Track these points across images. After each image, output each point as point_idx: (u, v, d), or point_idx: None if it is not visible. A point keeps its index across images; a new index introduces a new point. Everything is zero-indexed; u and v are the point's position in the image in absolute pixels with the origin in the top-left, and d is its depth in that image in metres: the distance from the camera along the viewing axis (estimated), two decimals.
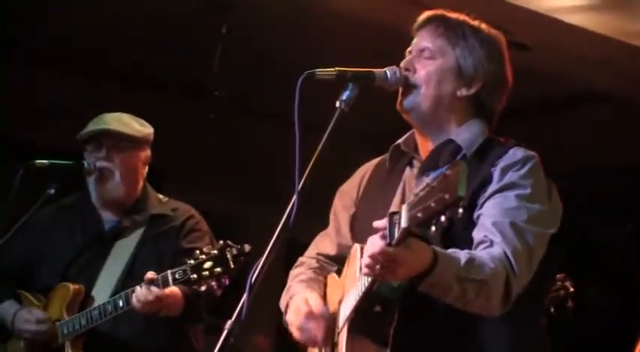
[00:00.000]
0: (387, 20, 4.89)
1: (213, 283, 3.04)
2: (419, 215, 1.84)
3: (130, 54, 5.83)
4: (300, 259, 2.66)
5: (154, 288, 3.12)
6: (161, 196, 3.62)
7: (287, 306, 2.49)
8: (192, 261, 3.07)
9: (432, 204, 1.81)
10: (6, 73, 5.86)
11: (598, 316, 5.95)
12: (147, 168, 3.57)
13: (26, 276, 3.54)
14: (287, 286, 2.59)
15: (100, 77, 6.12)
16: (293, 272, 2.63)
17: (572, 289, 4.05)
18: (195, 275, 3.05)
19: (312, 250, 2.65)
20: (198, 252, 3.09)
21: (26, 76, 5.94)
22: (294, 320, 2.39)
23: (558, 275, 4.02)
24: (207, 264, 3.04)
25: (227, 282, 3.04)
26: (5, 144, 5.91)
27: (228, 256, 3.03)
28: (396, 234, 1.92)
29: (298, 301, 2.41)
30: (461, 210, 1.80)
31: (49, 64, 5.99)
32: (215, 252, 3.05)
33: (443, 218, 1.81)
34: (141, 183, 3.55)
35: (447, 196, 1.79)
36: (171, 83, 6.07)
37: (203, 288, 3.07)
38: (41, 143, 5.78)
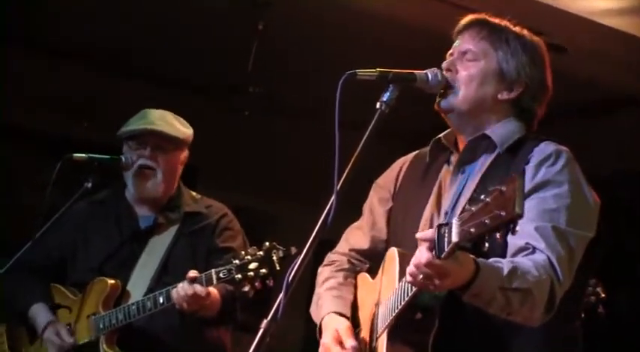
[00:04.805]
0: (422, 21, 4.89)
1: (257, 284, 3.05)
2: (472, 230, 1.83)
3: (165, 51, 5.87)
4: (330, 256, 2.66)
5: (196, 285, 3.13)
6: (194, 193, 3.64)
7: (320, 325, 2.50)
8: (237, 261, 3.07)
9: (487, 221, 1.79)
10: (43, 70, 5.94)
11: (630, 324, 5.89)
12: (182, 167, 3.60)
13: (60, 270, 3.56)
14: (316, 292, 2.59)
15: (136, 74, 6.17)
16: (322, 274, 2.62)
17: (603, 295, 4.01)
18: (239, 276, 3.05)
19: (343, 245, 2.65)
20: (243, 252, 3.10)
21: (63, 73, 6.01)
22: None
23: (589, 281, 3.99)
24: (253, 265, 3.05)
25: (272, 284, 3.04)
26: (39, 139, 6.00)
27: (274, 258, 3.03)
28: (446, 248, 1.90)
29: (330, 335, 2.41)
30: (518, 228, 1.78)
31: (86, 63, 6.06)
32: (261, 253, 3.06)
33: (498, 235, 1.81)
34: (177, 182, 3.57)
35: (503, 213, 1.77)
36: (205, 80, 6.10)
37: (246, 289, 3.07)
38: (75, 137, 5.86)
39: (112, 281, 3.39)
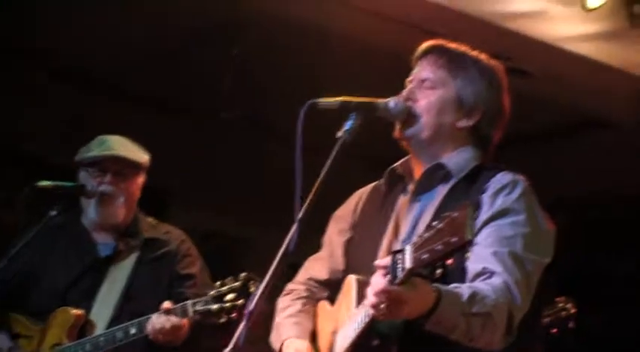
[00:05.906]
0: (397, 46, 4.94)
1: (234, 315, 3.06)
2: (424, 256, 1.85)
3: (139, 73, 5.88)
4: (289, 286, 2.66)
5: (172, 317, 3.14)
6: (150, 219, 3.64)
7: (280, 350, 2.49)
8: (213, 292, 3.09)
9: (440, 247, 1.82)
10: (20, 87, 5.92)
11: (600, 340, 5.96)
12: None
13: (21, 299, 3.50)
14: (276, 321, 2.59)
15: (109, 96, 6.16)
16: (281, 303, 2.62)
17: (573, 310, 4.08)
18: (216, 306, 3.08)
19: (302, 275, 2.65)
20: (219, 283, 3.12)
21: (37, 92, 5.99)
22: None
23: (559, 298, 4.07)
24: (230, 296, 3.08)
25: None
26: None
27: (252, 289, 3.06)
28: (400, 274, 1.92)
29: None
30: (468, 254, 1.82)
31: (62, 81, 6.04)
32: (238, 283, 3.09)
33: (450, 261, 1.85)
34: (134, 207, 3.57)
35: (454, 239, 1.80)
36: (179, 102, 6.11)
37: (223, 320, 3.08)
38: (51, 159, 5.83)
39: (76, 312, 3.36)
